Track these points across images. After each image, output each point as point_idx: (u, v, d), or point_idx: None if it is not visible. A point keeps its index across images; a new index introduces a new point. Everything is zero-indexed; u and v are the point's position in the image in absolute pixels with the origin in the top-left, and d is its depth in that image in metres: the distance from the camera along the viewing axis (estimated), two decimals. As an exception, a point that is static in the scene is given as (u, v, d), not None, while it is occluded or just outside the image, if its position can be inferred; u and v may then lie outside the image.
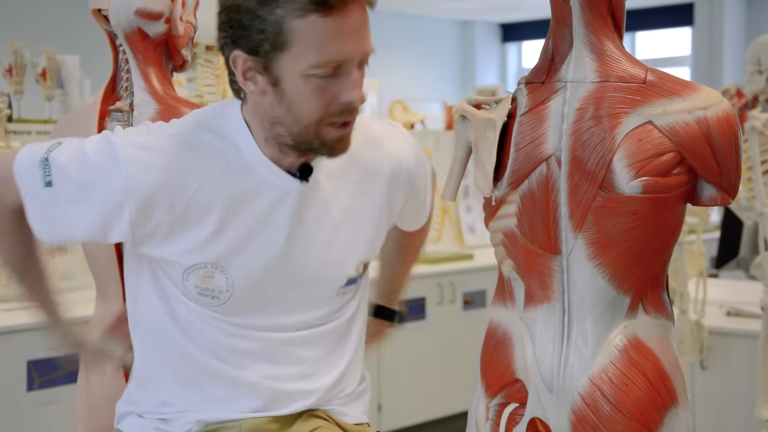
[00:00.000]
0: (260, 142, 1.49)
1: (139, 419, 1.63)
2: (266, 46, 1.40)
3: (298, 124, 1.44)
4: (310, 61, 1.39)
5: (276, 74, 1.41)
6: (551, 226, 1.49)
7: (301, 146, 1.47)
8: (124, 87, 2.05)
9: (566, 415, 1.47)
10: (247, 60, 1.42)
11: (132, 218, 1.46)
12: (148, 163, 1.46)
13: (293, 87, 1.41)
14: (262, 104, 1.46)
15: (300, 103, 1.42)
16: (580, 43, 1.49)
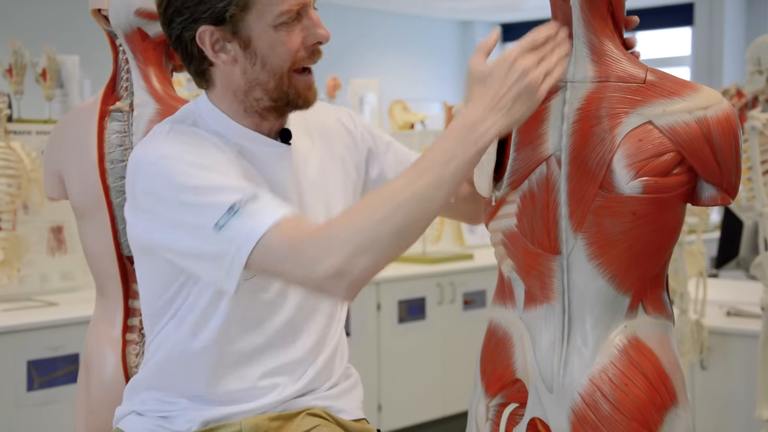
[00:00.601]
0: (238, 118, 1.56)
1: (138, 417, 1.63)
2: (231, 10, 1.46)
3: (274, 77, 1.51)
4: (276, 11, 1.47)
5: (246, 35, 1.49)
6: (551, 226, 1.49)
7: (279, 102, 1.54)
8: (124, 87, 2.05)
9: (566, 415, 1.48)
10: (215, 32, 1.49)
11: None
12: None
13: (264, 41, 1.49)
14: (233, 76, 1.53)
15: (273, 55, 1.50)
16: (580, 43, 1.49)
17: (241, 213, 1.39)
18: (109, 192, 2.01)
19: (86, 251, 2.11)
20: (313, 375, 1.64)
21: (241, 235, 1.38)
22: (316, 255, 1.35)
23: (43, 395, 3.23)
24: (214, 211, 1.40)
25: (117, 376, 2.01)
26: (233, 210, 1.39)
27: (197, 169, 1.44)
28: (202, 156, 1.47)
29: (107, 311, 2.07)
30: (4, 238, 3.43)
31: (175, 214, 1.44)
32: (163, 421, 1.60)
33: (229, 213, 1.39)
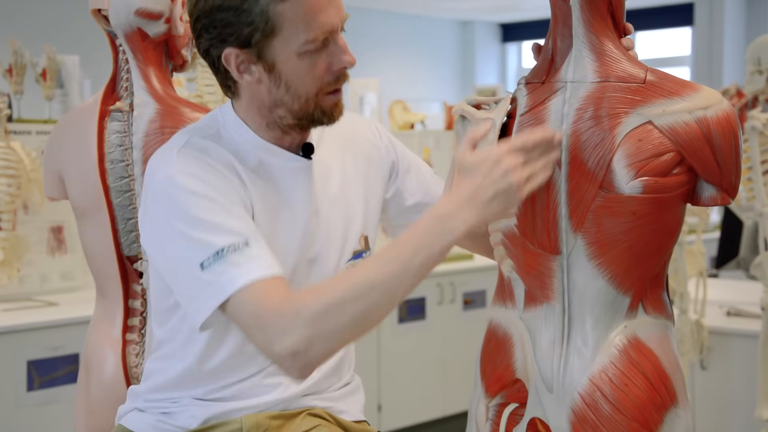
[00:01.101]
0: (260, 132, 1.56)
1: (140, 413, 1.64)
2: (257, 36, 1.46)
3: (299, 100, 1.51)
4: (302, 39, 1.46)
5: (270, 60, 1.48)
6: (551, 226, 1.49)
7: (303, 121, 1.54)
8: (124, 87, 2.05)
9: (566, 415, 1.48)
10: (240, 54, 1.48)
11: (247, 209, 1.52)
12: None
13: (289, 67, 1.48)
14: (258, 93, 1.52)
15: (298, 81, 1.50)
16: (580, 43, 1.49)
17: (227, 260, 1.41)
18: (109, 192, 2.01)
19: (86, 251, 2.11)
20: (318, 377, 1.63)
21: (218, 283, 1.41)
22: (277, 331, 1.37)
23: (43, 395, 3.23)
24: (203, 249, 1.42)
25: (117, 376, 2.02)
26: (220, 255, 1.41)
27: (198, 200, 1.45)
28: (207, 185, 1.46)
29: (107, 311, 2.07)
30: (4, 238, 3.43)
31: (170, 237, 1.46)
32: (165, 416, 1.61)
33: (216, 257, 1.41)
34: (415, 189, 1.78)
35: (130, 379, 2.01)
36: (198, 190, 1.45)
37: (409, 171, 1.78)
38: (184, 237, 1.44)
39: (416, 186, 1.78)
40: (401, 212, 1.79)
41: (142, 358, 2.02)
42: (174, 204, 1.45)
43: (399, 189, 1.77)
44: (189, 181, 1.46)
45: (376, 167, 1.73)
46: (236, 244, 1.42)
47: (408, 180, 1.77)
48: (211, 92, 3.44)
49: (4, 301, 3.55)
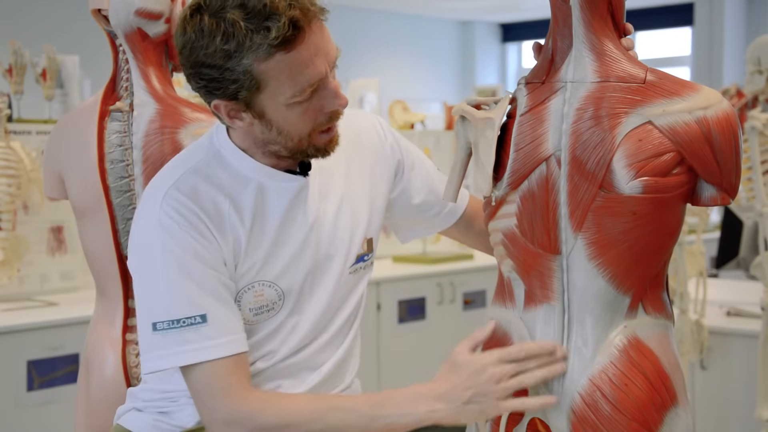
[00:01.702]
0: (257, 157, 1.56)
1: (138, 413, 1.64)
2: (243, 93, 1.45)
3: (292, 141, 1.51)
4: (288, 94, 1.46)
5: (259, 109, 1.48)
6: (551, 226, 1.49)
7: (297, 155, 1.55)
8: (124, 87, 2.05)
9: (566, 415, 1.48)
10: (228, 104, 1.48)
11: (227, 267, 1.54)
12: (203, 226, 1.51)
13: (278, 116, 1.48)
14: (251, 131, 1.53)
15: (289, 127, 1.50)
16: (580, 43, 1.49)
17: (181, 333, 1.46)
18: (109, 192, 2.01)
19: (86, 251, 2.11)
20: (319, 380, 1.63)
21: (166, 353, 1.46)
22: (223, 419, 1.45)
23: (43, 395, 3.23)
24: (161, 310, 1.47)
25: (117, 376, 2.01)
26: (174, 324, 1.46)
27: (170, 260, 1.47)
28: (182, 247, 1.48)
29: (107, 311, 2.07)
30: (4, 238, 3.43)
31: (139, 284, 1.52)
32: (163, 416, 1.61)
33: (171, 324, 1.46)
34: (421, 187, 1.78)
35: (130, 379, 2.01)
36: (171, 252, 1.47)
37: (413, 168, 1.78)
38: (150, 290, 1.48)
39: (421, 184, 1.78)
40: (406, 211, 1.79)
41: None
42: (148, 255, 1.49)
43: (405, 188, 1.77)
44: (166, 239, 1.48)
45: (381, 166, 1.73)
46: (193, 319, 1.46)
47: (413, 178, 1.78)
48: (211, 92, 3.44)
49: (4, 301, 3.55)
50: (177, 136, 1.98)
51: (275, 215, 1.56)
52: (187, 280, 1.46)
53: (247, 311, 1.55)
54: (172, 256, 1.47)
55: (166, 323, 1.46)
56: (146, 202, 1.54)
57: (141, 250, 1.51)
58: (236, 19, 1.40)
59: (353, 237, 1.65)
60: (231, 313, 1.50)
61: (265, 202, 1.56)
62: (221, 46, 1.42)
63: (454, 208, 1.81)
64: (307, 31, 1.44)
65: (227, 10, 1.42)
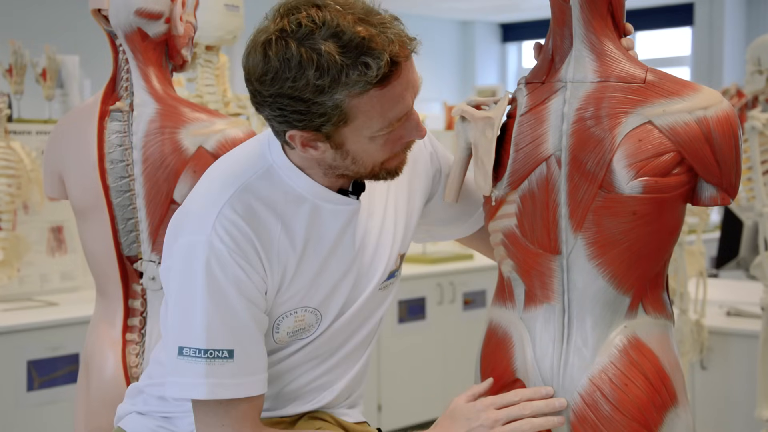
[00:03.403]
0: (316, 178, 1.49)
1: (140, 417, 1.63)
2: (328, 127, 1.37)
3: (365, 168, 1.45)
4: (375, 128, 1.39)
5: (340, 141, 1.40)
6: (551, 226, 1.49)
7: (365, 179, 1.50)
8: (124, 87, 2.05)
9: (566, 415, 1.48)
10: (306, 135, 1.40)
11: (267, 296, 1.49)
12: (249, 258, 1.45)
13: (359, 148, 1.42)
14: (321, 158, 1.45)
15: (365, 157, 1.44)
16: (580, 43, 1.49)
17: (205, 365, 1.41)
18: (109, 192, 2.01)
19: (86, 251, 2.11)
20: (330, 398, 1.63)
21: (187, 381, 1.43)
22: None
23: (43, 395, 3.23)
24: (190, 337, 1.42)
25: (117, 376, 2.01)
26: (200, 354, 1.41)
27: (211, 293, 1.41)
28: (226, 274, 1.41)
29: (107, 311, 2.07)
30: (4, 238, 3.43)
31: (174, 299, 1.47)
32: (165, 422, 1.60)
33: (197, 353, 1.42)
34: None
35: (130, 379, 2.01)
36: (216, 277, 1.41)
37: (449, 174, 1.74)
38: (184, 311, 1.43)
39: None
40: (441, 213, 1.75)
41: (142, 358, 2.02)
42: (191, 276, 1.42)
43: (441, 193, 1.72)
44: (213, 263, 1.41)
45: (420, 179, 1.67)
46: (220, 352, 1.41)
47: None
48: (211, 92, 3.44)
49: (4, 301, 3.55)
50: (177, 136, 1.98)
51: (328, 239, 1.51)
52: (224, 311, 1.41)
53: (285, 334, 1.52)
54: (215, 284, 1.41)
55: (193, 351, 1.41)
56: (196, 218, 1.45)
57: (184, 268, 1.43)
58: (331, 52, 1.31)
59: (391, 254, 1.60)
60: (258, 352, 1.46)
61: (318, 225, 1.50)
62: (314, 81, 1.32)
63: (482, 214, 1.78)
64: (403, 66, 1.38)
65: (318, 41, 1.32)
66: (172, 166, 1.96)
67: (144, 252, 2.01)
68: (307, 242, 1.49)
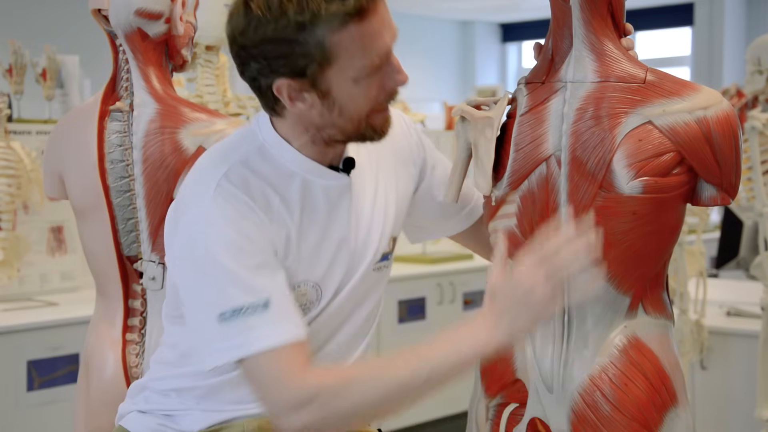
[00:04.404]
0: (304, 149, 1.54)
1: (141, 415, 1.63)
2: (312, 67, 1.42)
3: (352, 122, 1.49)
4: (358, 66, 1.43)
5: (325, 87, 1.45)
6: (551, 226, 1.49)
7: (352, 138, 1.53)
8: (124, 87, 2.05)
9: (566, 415, 1.48)
10: (292, 83, 1.44)
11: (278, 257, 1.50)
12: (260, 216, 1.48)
13: (344, 92, 1.46)
14: (308, 116, 1.49)
15: (352, 105, 1.47)
16: (580, 43, 1.49)
17: (244, 321, 1.41)
18: (109, 192, 2.01)
19: (86, 251, 2.11)
20: None
21: (233, 342, 1.42)
22: (291, 404, 1.39)
23: (43, 395, 3.23)
24: (225, 301, 1.42)
25: (117, 376, 2.01)
26: (238, 313, 1.41)
27: (228, 248, 1.43)
28: (239, 234, 1.44)
29: (107, 311, 2.07)
30: (4, 238, 3.43)
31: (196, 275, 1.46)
32: (167, 419, 1.60)
33: (234, 313, 1.41)
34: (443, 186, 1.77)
35: (130, 379, 2.01)
36: (229, 239, 1.43)
37: (436, 167, 1.77)
38: (209, 284, 1.44)
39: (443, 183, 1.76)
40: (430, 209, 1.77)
41: (142, 358, 2.02)
42: (204, 246, 1.44)
43: (429, 186, 1.75)
44: (222, 227, 1.44)
45: (407, 166, 1.71)
46: (256, 305, 1.41)
47: (436, 176, 1.76)
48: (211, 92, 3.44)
49: (4, 301, 3.55)
50: (177, 136, 1.98)
51: (321, 213, 1.55)
52: (247, 268, 1.43)
53: None
54: (231, 245, 1.43)
55: (230, 312, 1.41)
56: (194, 196, 1.49)
57: (194, 242, 1.45)
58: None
59: (382, 235, 1.64)
60: (289, 298, 1.47)
61: (310, 199, 1.54)
62: (294, 18, 1.38)
63: (473, 209, 1.79)
64: (379, 3, 1.44)
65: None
66: (172, 166, 1.96)
67: (144, 252, 2.01)
68: (303, 215, 1.52)
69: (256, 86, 1.49)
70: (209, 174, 1.51)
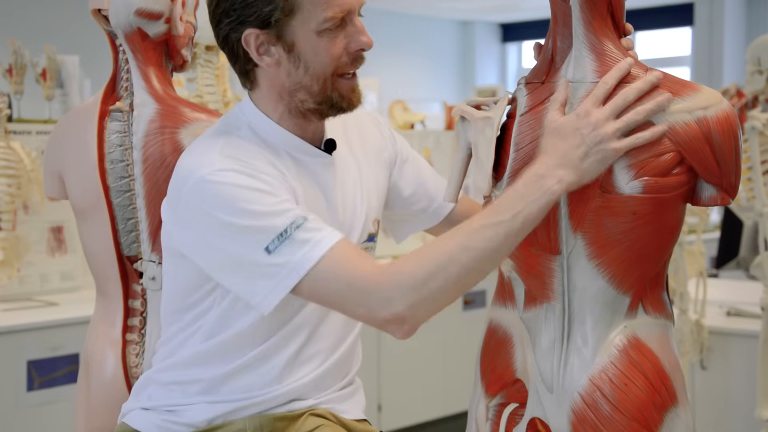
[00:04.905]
0: (283, 122, 1.59)
1: (144, 412, 1.64)
2: (277, 15, 1.49)
3: (318, 81, 1.54)
4: (320, 17, 1.50)
5: (290, 39, 1.52)
6: (551, 226, 1.49)
7: (323, 105, 1.57)
8: (124, 87, 2.05)
9: (566, 415, 1.48)
10: (260, 35, 1.52)
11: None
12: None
13: (308, 46, 1.52)
14: (277, 77, 1.55)
15: (316, 60, 1.53)
16: (580, 43, 1.49)
17: (293, 238, 1.41)
18: (109, 192, 2.01)
19: (86, 251, 2.11)
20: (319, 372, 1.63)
21: (292, 261, 1.41)
22: (380, 299, 1.38)
23: (43, 395, 3.23)
24: (265, 235, 1.42)
25: (117, 376, 2.01)
26: (285, 235, 1.41)
27: (251, 192, 1.45)
28: (256, 177, 1.47)
29: (107, 311, 2.07)
30: (4, 238, 3.43)
31: (222, 233, 1.45)
32: (170, 415, 1.61)
33: (281, 238, 1.41)
34: (411, 180, 1.82)
35: (130, 379, 2.01)
36: (248, 184, 1.45)
37: (406, 161, 1.82)
38: (242, 230, 1.43)
39: (412, 177, 1.82)
40: (396, 203, 1.82)
41: (142, 358, 2.02)
42: (225, 202, 1.44)
43: (397, 179, 1.81)
44: (237, 176, 1.46)
45: (380, 157, 1.77)
46: (297, 221, 1.42)
47: (405, 170, 1.81)
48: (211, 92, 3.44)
49: (4, 301, 3.56)
50: (177, 136, 1.98)
51: (309, 187, 1.59)
52: (274, 199, 1.44)
53: None
54: (252, 187, 1.44)
55: (276, 240, 1.41)
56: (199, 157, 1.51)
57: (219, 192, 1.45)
58: None
59: (367, 217, 1.68)
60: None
61: (298, 175, 1.58)
62: None
63: (441, 206, 1.83)
64: None
65: None
66: (173, 166, 1.95)
67: (144, 252, 2.01)
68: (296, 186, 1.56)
69: (230, 48, 1.55)
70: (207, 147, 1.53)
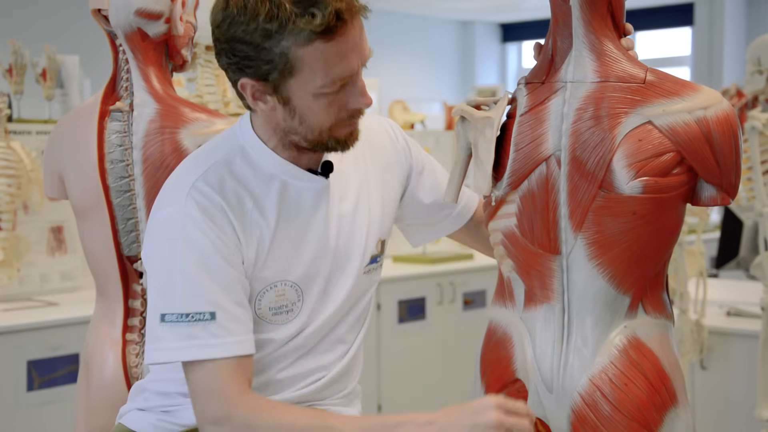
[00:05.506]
0: (278, 150, 1.57)
1: (141, 413, 1.64)
2: (274, 75, 1.46)
3: (313, 133, 1.52)
4: (319, 83, 1.46)
5: (286, 95, 1.49)
6: (551, 226, 1.49)
7: (317, 148, 1.55)
8: (124, 87, 2.05)
9: (566, 415, 1.48)
10: (256, 85, 1.49)
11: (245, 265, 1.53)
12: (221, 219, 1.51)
13: (304, 105, 1.49)
14: (273, 117, 1.53)
15: (312, 117, 1.50)
16: (580, 43, 1.49)
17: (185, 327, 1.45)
18: (109, 192, 2.01)
19: (86, 251, 2.11)
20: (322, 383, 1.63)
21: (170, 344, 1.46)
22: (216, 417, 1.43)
23: (43, 395, 3.23)
24: (171, 302, 1.46)
25: (117, 376, 2.01)
26: (181, 318, 1.45)
27: (188, 253, 1.47)
28: (204, 240, 1.47)
29: (107, 311, 2.07)
30: (4, 238, 3.43)
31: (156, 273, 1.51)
32: (166, 415, 1.61)
33: (178, 317, 1.45)
34: (430, 190, 1.79)
35: (130, 379, 2.01)
36: (194, 244, 1.47)
37: (423, 171, 1.79)
38: (164, 280, 1.48)
39: (431, 187, 1.79)
40: (418, 213, 1.80)
41: (142, 358, 2.02)
42: (169, 246, 1.48)
43: (415, 190, 1.78)
44: (190, 231, 1.47)
45: (392, 171, 1.73)
46: (202, 315, 1.45)
47: (423, 180, 1.79)
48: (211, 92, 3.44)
49: (4, 301, 3.55)
50: (177, 136, 1.98)
51: (299, 216, 1.57)
52: (204, 276, 1.46)
53: (267, 310, 1.55)
54: (195, 250, 1.46)
55: (176, 316, 1.45)
56: (171, 193, 1.53)
57: (161, 240, 1.50)
58: (283, 2, 1.42)
59: (369, 238, 1.65)
60: (242, 314, 1.49)
61: (288, 202, 1.56)
62: (263, 25, 1.42)
63: (463, 210, 1.81)
64: (349, 25, 1.45)
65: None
66: (172, 166, 1.96)
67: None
68: (279, 218, 1.55)
69: (228, 77, 1.53)
70: (188, 173, 1.54)
